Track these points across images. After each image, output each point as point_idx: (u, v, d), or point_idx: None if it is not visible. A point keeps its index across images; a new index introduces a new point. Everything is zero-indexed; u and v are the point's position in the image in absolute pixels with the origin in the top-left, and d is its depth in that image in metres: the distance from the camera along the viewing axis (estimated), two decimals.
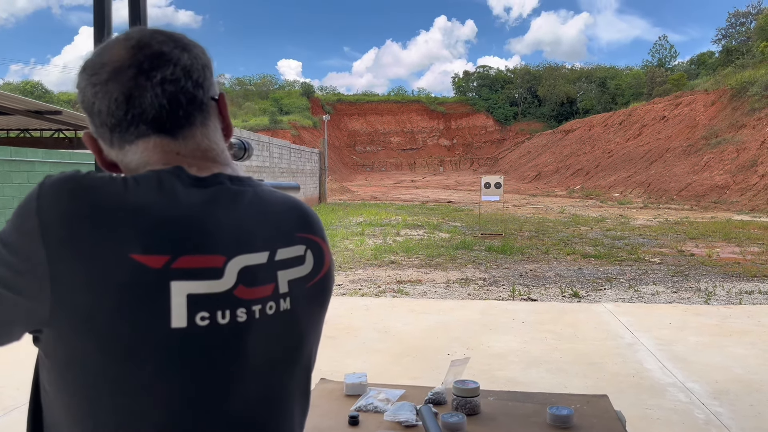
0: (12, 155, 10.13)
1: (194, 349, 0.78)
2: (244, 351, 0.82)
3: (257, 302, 0.83)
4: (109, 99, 0.81)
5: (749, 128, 30.74)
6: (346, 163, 71.69)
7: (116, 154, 0.86)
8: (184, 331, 0.76)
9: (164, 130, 0.83)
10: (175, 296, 0.75)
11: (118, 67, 0.81)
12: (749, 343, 5.43)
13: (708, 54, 70.34)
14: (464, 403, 1.86)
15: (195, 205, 0.80)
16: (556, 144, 59.50)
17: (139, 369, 0.76)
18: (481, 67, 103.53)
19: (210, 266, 0.78)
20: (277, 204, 0.90)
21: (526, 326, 6.00)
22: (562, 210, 24.16)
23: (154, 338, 0.75)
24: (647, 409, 3.93)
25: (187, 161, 0.84)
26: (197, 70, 0.85)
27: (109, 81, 0.81)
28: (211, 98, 0.88)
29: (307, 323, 0.92)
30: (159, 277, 0.74)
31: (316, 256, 0.92)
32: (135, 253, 0.73)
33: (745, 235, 15.13)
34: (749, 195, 24.95)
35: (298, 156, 27.45)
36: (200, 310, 0.77)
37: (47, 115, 15.07)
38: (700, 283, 8.82)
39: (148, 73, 0.81)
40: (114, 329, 0.74)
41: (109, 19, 1.88)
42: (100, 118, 0.83)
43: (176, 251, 0.76)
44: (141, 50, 0.82)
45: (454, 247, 12.61)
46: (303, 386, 0.94)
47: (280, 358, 0.88)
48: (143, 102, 0.81)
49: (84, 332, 0.74)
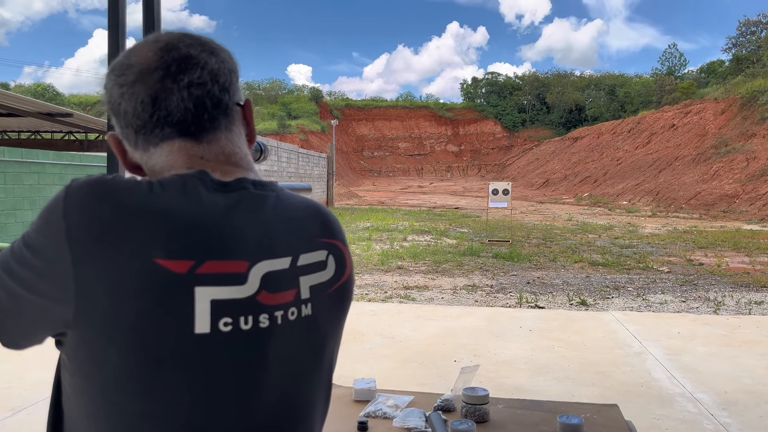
0: (23, 157, 10.20)
1: (217, 355, 0.78)
2: (266, 357, 0.82)
3: (279, 308, 0.83)
4: (135, 101, 0.81)
5: (759, 137, 30.55)
6: (353, 168, 71.75)
7: (140, 156, 0.86)
8: (207, 336, 0.76)
9: (189, 134, 0.83)
10: (199, 302, 0.75)
11: (145, 69, 0.81)
12: (758, 354, 5.39)
13: (718, 63, 70.07)
14: (473, 410, 1.85)
15: (219, 210, 0.80)
16: (564, 151, 59.35)
17: (162, 374, 0.75)
18: (489, 74, 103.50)
19: (234, 272, 0.78)
20: (299, 209, 0.90)
21: (533, 334, 5.97)
22: (570, 217, 24.08)
23: (177, 344, 0.75)
24: (655, 419, 3.90)
25: (211, 165, 0.84)
26: (224, 75, 0.85)
27: (136, 83, 0.81)
28: (236, 103, 0.88)
29: (328, 328, 0.92)
30: (183, 282, 0.74)
31: (337, 261, 0.92)
32: (159, 257, 0.73)
33: (754, 244, 15.02)
34: (759, 204, 24.78)
35: (306, 160, 27.52)
36: (223, 316, 0.77)
37: (58, 117, 15.17)
38: (708, 292, 8.76)
39: (176, 76, 0.81)
40: (137, 334, 0.73)
41: (124, 23, 1.90)
42: (126, 119, 0.83)
43: (201, 256, 0.76)
44: (169, 53, 0.82)
45: (461, 254, 12.58)
46: (325, 391, 0.94)
47: (303, 364, 0.88)
48: (169, 105, 0.81)
49: (107, 336, 0.74)
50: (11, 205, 9.79)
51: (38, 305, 0.75)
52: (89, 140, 21.24)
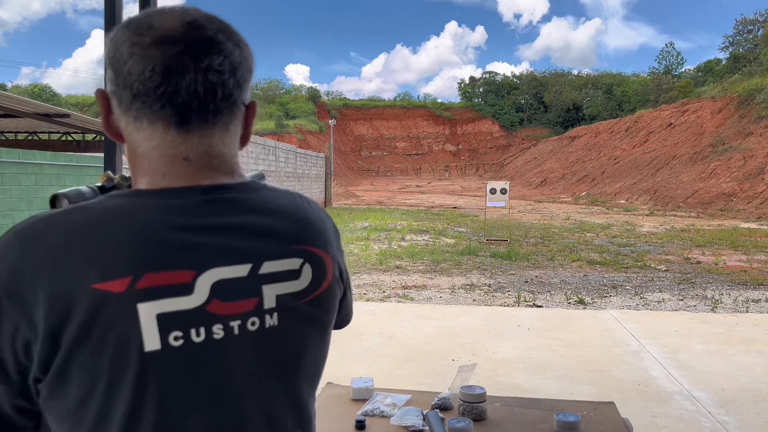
0: (20, 158, 10.17)
1: (171, 372, 0.73)
2: (224, 370, 0.77)
3: (236, 318, 0.77)
4: (144, 64, 0.75)
5: (756, 136, 30.61)
6: (351, 168, 71.73)
7: (126, 123, 0.79)
8: (158, 353, 0.72)
9: (185, 121, 0.78)
10: (144, 318, 0.71)
11: (167, 36, 0.75)
12: (756, 352, 5.40)
13: (715, 61, 70.16)
14: (471, 408, 1.85)
15: (160, 218, 0.75)
16: (561, 150, 59.41)
17: (123, 399, 0.72)
18: (487, 73, 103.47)
19: (177, 282, 0.74)
20: (271, 213, 0.83)
21: (531, 332, 5.98)
22: (568, 216, 24.10)
23: (129, 365, 0.71)
24: (653, 417, 3.91)
25: (191, 169, 0.79)
26: (242, 70, 0.81)
27: (152, 46, 0.75)
28: (242, 102, 0.84)
29: (302, 341, 0.85)
30: (125, 300, 0.71)
31: (315, 270, 0.85)
32: (94, 282, 0.70)
33: (751, 243, 15.06)
34: (756, 203, 24.84)
35: (304, 160, 27.51)
36: (173, 330, 0.73)
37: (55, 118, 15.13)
38: (706, 290, 8.78)
39: (196, 55, 0.76)
40: (93, 362, 0.71)
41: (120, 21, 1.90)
42: (127, 79, 0.76)
43: (138, 270, 0.72)
44: (196, 30, 0.77)
45: (459, 253, 12.60)
46: (299, 406, 0.86)
47: (267, 378, 0.81)
48: (180, 82, 0.75)
49: (62, 373, 0.72)
50: (8, 206, 9.77)
51: None
52: (86, 141, 21.20)
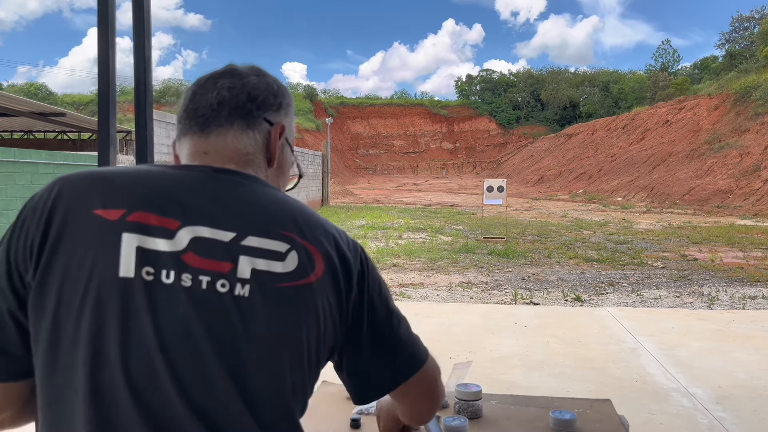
0: (16, 157, 10.14)
1: (137, 300, 0.80)
2: (185, 315, 0.81)
3: (206, 273, 0.82)
4: (186, 95, 0.98)
5: (753, 133, 30.67)
6: (348, 166, 71.70)
7: (178, 145, 0.99)
8: (130, 280, 0.81)
9: (205, 127, 0.95)
10: (125, 246, 0.81)
11: (209, 76, 0.98)
12: (752, 348, 5.41)
13: (711, 58, 70.24)
14: (466, 406, 1.85)
15: (168, 177, 0.88)
16: (558, 148, 59.46)
17: (85, 314, 0.80)
18: (484, 71, 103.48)
19: (163, 226, 0.83)
20: (271, 201, 0.91)
21: (528, 330, 5.98)
22: (565, 214, 24.13)
23: (105, 284, 0.80)
24: (650, 414, 3.91)
25: (210, 158, 0.94)
26: (260, 91, 0.97)
27: (193, 86, 0.98)
28: (265, 119, 0.97)
29: (271, 325, 0.84)
30: (114, 227, 0.82)
31: (302, 260, 0.87)
32: (97, 208, 0.83)
33: (748, 239, 15.09)
34: (752, 200, 24.89)
35: (301, 159, 27.34)
36: (146, 265, 0.81)
37: (51, 117, 15.11)
38: (703, 287, 8.79)
39: (216, 79, 0.96)
40: (70, 276, 0.81)
41: (113, 20, 1.88)
42: (178, 113, 0.99)
43: (133, 206, 0.83)
44: (225, 68, 0.99)
45: (456, 251, 12.60)
46: (252, 393, 0.82)
47: (224, 347, 0.81)
48: (201, 100, 0.95)
49: (46, 285, 0.82)
50: (4, 205, 9.73)
51: None
52: (82, 139, 21.15)
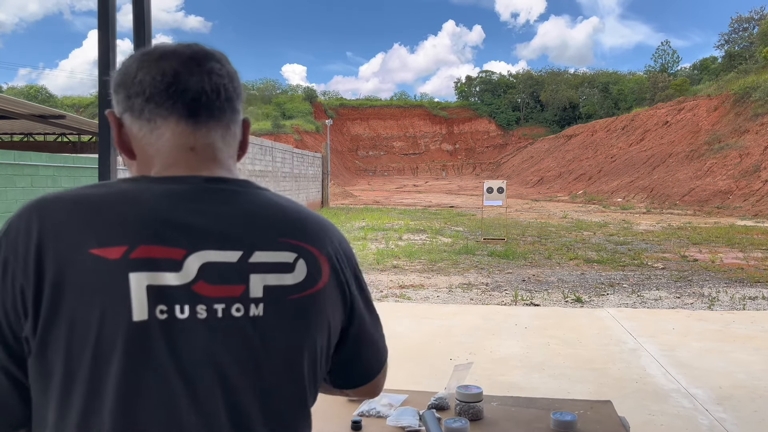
0: (16, 159, 10.14)
1: (155, 343, 0.76)
2: (204, 350, 0.79)
3: (220, 301, 0.79)
4: (155, 71, 0.85)
5: (752, 133, 30.67)
6: (348, 168, 71.68)
7: (140, 128, 0.86)
8: (145, 324, 0.76)
9: (195, 114, 0.86)
10: (135, 288, 0.75)
11: (171, 51, 0.87)
12: (753, 349, 5.41)
13: (711, 59, 70.20)
14: (467, 408, 1.85)
15: (159, 199, 0.81)
16: (558, 149, 59.46)
17: (103, 366, 0.75)
18: (483, 72, 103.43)
19: (169, 257, 0.78)
20: (269, 208, 0.87)
21: (528, 331, 5.98)
22: (565, 215, 24.12)
23: (117, 332, 0.75)
24: (651, 415, 3.91)
25: (198, 158, 0.87)
26: (236, 83, 0.91)
27: (161, 59, 0.86)
28: (240, 111, 0.93)
29: (286, 336, 0.84)
30: (118, 268, 0.75)
31: (310, 267, 0.86)
32: (93, 247, 0.75)
33: (748, 240, 15.09)
34: (752, 200, 24.89)
35: (301, 160, 27.46)
36: (159, 303, 0.77)
37: (51, 119, 15.10)
38: (703, 288, 8.79)
39: (200, 61, 0.87)
40: (80, 326, 0.74)
41: (114, 22, 1.89)
42: (140, 87, 0.85)
43: (134, 241, 0.76)
44: (196, 46, 0.89)
45: (456, 252, 12.59)
46: (268, 400, 0.83)
47: (247, 368, 0.81)
48: (189, 81, 0.85)
49: (53, 335, 0.75)
50: (4, 207, 9.73)
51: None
52: (82, 142, 21.14)
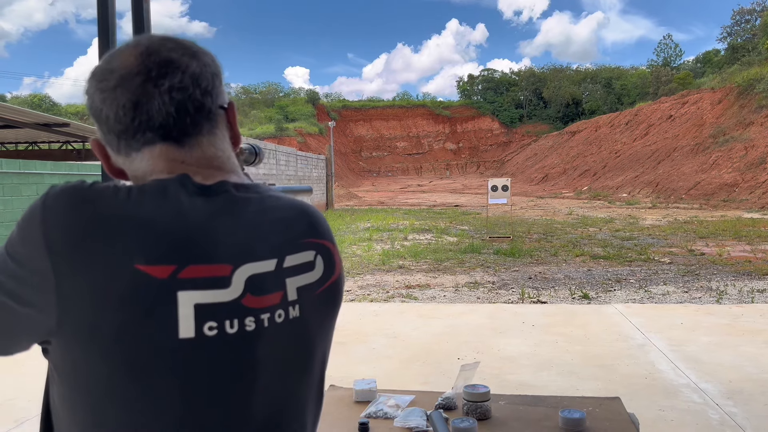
0: (21, 168, 10.19)
1: (203, 360, 0.77)
2: (254, 360, 0.81)
3: (266, 311, 0.82)
4: (116, 105, 0.80)
5: (757, 125, 30.54)
6: (352, 169, 71.70)
7: (123, 161, 0.85)
8: (192, 341, 0.76)
9: (170, 138, 0.83)
10: (183, 306, 0.75)
11: (125, 74, 0.81)
12: (762, 342, 5.38)
13: (713, 52, 69.99)
14: (475, 407, 1.84)
15: (200, 214, 0.79)
16: (562, 145, 59.33)
17: (147, 382, 0.75)
18: (486, 70, 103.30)
19: (217, 275, 0.78)
20: (284, 210, 0.88)
21: (536, 329, 5.96)
22: (570, 211, 24.07)
23: (162, 350, 0.74)
24: (660, 411, 3.89)
25: (192, 169, 0.83)
26: (206, 78, 0.84)
27: (117, 87, 0.80)
28: (219, 106, 0.87)
29: (317, 329, 0.91)
30: (166, 287, 0.74)
31: (326, 262, 0.91)
32: (140, 263, 0.73)
33: (755, 233, 15.01)
34: (759, 192, 24.77)
35: (305, 163, 27.49)
36: (208, 320, 0.77)
37: (55, 127, 15.16)
38: (711, 282, 8.75)
39: (156, 80, 0.80)
40: (121, 342, 0.73)
41: (114, 28, 1.89)
42: (108, 124, 0.82)
43: (183, 261, 0.75)
44: (149, 57, 0.81)
45: (462, 251, 12.57)
46: (315, 394, 0.93)
47: (292, 367, 0.87)
48: (150, 109, 0.80)
49: (90, 345, 0.73)
50: (10, 216, 9.77)
51: (22, 313, 0.74)
52: (87, 149, 21.19)
